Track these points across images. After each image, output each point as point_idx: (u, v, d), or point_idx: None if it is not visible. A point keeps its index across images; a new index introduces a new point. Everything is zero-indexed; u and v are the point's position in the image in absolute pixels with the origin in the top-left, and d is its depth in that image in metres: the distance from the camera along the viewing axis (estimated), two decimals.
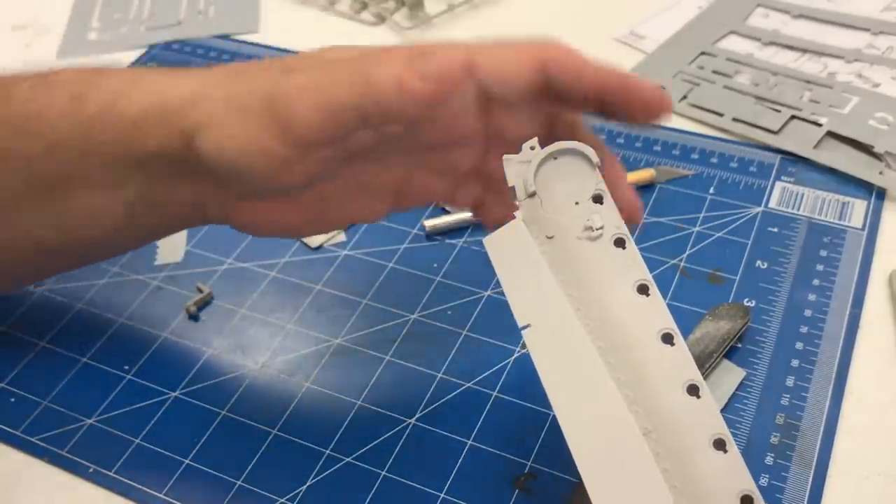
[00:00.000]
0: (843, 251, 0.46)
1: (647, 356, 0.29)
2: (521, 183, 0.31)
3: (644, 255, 0.31)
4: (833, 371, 0.40)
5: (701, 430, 0.28)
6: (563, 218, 0.30)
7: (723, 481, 0.27)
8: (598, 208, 0.30)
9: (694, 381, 0.29)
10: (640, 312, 0.29)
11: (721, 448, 0.28)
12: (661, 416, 0.28)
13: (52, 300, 0.47)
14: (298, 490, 0.38)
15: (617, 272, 0.30)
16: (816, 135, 0.52)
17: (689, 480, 0.28)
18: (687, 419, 0.28)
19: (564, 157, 0.31)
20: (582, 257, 0.30)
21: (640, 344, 0.29)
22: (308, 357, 0.43)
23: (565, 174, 0.31)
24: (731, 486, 0.27)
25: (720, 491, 0.27)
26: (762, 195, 0.50)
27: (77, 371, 0.44)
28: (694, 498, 0.27)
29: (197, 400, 0.42)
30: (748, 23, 0.63)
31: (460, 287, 0.46)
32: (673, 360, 0.29)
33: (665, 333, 0.29)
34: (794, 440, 0.38)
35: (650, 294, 0.30)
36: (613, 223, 0.30)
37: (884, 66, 0.58)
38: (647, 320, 0.29)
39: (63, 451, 0.40)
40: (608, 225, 0.30)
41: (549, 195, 0.31)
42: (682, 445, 0.28)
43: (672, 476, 0.28)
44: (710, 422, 0.28)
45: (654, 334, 0.29)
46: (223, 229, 0.38)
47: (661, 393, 0.29)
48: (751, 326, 0.42)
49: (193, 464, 0.39)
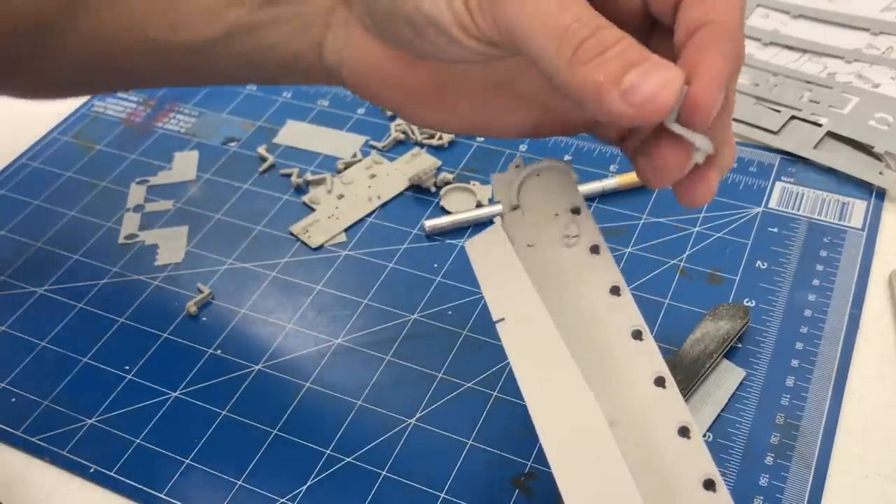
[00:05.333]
0: (842, 251, 0.46)
1: (616, 351, 0.30)
2: (506, 197, 0.32)
3: (644, 256, 0.31)
4: (833, 371, 0.40)
5: (667, 419, 0.29)
6: (544, 228, 0.32)
7: (687, 467, 0.28)
8: (576, 218, 0.32)
9: (661, 372, 0.30)
10: (612, 311, 0.31)
11: (685, 435, 0.29)
12: (629, 407, 0.30)
13: (53, 300, 0.48)
14: (299, 490, 0.38)
15: (591, 276, 0.31)
16: (816, 135, 0.52)
17: (655, 467, 0.29)
18: (654, 409, 0.29)
19: (547, 173, 0.32)
20: (559, 263, 0.31)
21: (611, 340, 0.30)
22: (308, 357, 0.43)
23: (547, 189, 0.32)
24: (695, 472, 0.28)
25: (685, 476, 0.28)
26: (762, 195, 0.50)
27: (78, 371, 0.44)
28: (661, 484, 0.29)
29: (197, 400, 0.42)
30: (748, 23, 0.63)
31: (460, 287, 0.46)
32: (642, 355, 0.30)
33: (635, 330, 0.30)
34: (794, 440, 0.38)
35: (621, 294, 0.31)
36: (590, 232, 0.32)
37: (884, 67, 0.58)
38: (618, 318, 0.31)
39: (64, 451, 0.40)
40: (584, 234, 0.31)
41: (531, 208, 0.32)
42: (648, 434, 0.29)
43: (638, 463, 0.29)
44: (676, 411, 0.29)
45: (624, 331, 0.30)
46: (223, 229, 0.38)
47: (629, 385, 0.30)
48: (751, 326, 0.42)
49: (194, 464, 0.39)
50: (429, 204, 0.51)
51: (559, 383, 0.29)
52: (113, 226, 0.52)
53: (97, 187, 0.55)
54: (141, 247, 0.50)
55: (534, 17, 0.26)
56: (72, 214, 0.53)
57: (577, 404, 0.29)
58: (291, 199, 0.52)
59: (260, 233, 0.50)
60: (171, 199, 0.53)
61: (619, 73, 0.25)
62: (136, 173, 0.55)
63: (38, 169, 0.56)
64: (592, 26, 0.26)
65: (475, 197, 0.51)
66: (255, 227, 0.51)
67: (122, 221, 0.52)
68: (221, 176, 0.54)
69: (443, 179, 0.52)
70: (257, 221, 0.51)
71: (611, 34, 0.26)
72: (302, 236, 0.50)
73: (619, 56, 0.26)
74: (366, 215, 0.51)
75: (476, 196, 0.51)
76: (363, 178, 0.53)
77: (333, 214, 0.51)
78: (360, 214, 0.51)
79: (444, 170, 0.53)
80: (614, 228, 0.48)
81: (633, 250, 0.47)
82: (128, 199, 0.53)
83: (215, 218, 0.51)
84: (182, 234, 0.51)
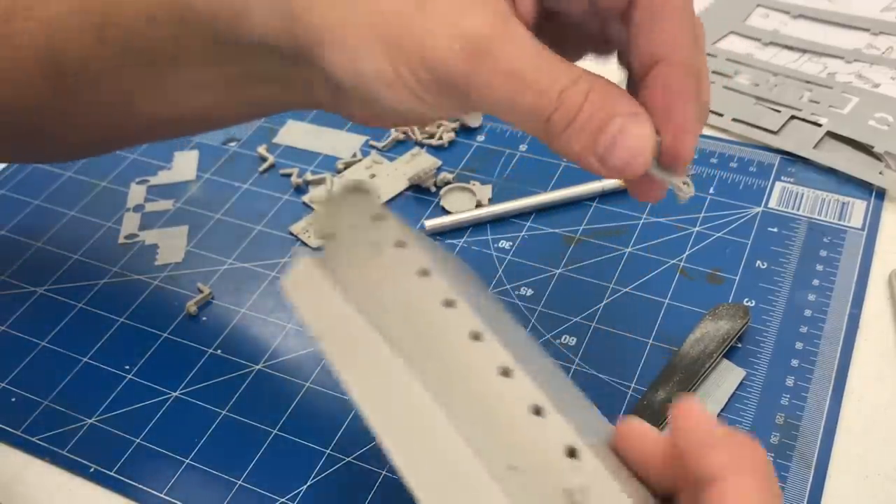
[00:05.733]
0: (842, 251, 0.46)
1: (454, 349, 0.29)
2: (318, 229, 0.33)
3: (644, 256, 0.31)
4: (833, 371, 0.40)
5: (519, 403, 0.27)
6: (356, 246, 0.32)
7: (547, 443, 0.27)
8: (379, 224, 0.32)
9: (506, 364, 0.28)
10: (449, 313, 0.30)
11: (539, 414, 0.27)
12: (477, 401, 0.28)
13: (53, 300, 0.48)
14: (299, 490, 0.38)
15: (402, 268, 0.31)
16: (816, 135, 0.52)
17: (515, 453, 0.27)
18: (504, 397, 0.28)
19: (348, 195, 0.33)
20: (377, 269, 0.31)
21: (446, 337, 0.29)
22: (308, 357, 0.43)
23: (354, 208, 0.33)
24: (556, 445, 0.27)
25: (547, 452, 0.27)
26: (762, 195, 0.50)
27: (78, 371, 0.44)
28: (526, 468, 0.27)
29: (197, 400, 0.42)
30: (748, 23, 0.63)
31: None
32: (484, 351, 0.29)
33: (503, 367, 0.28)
34: (794, 440, 0.38)
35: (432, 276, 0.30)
36: (395, 230, 0.32)
37: (883, 67, 0.58)
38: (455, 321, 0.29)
39: (64, 450, 0.40)
40: (389, 233, 0.32)
41: (341, 231, 0.33)
42: (501, 423, 0.27)
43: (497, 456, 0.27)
44: (526, 394, 0.28)
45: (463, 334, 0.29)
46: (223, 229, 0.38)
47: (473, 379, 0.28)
48: (751, 326, 0.42)
49: (194, 463, 0.39)
50: (429, 204, 0.51)
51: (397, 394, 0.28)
52: (113, 226, 0.52)
53: (97, 187, 0.55)
54: (141, 247, 0.50)
55: (498, 102, 0.27)
56: (72, 214, 0.53)
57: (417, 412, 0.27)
58: (291, 199, 0.52)
59: (260, 233, 0.50)
60: (171, 198, 0.53)
61: (591, 141, 0.27)
62: (136, 173, 0.55)
63: (38, 169, 0.56)
64: (557, 93, 0.26)
65: (475, 197, 0.51)
66: (255, 227, 0.51)
67: (122, 221, 0.52)
68: (221, 176, 0.54)
69: (443, 179, 0.52)
70: (257, 221, 0.51)
71: (576, 95, 0.27)
72: (302, 236, 0.50)
73: (588, 123, 0.27)
74: None
75: (476, 196, 0.51)
76: (363, 178, 0.53)
77: None
78: None
79: (444, 170, 0.53)
80: (614, 228, 0.48)
81: (633, 250, 0.47)
82: (128, 198, 0.53)
83: (215, 218, 0.51)
84: (182, 234, 0.51)
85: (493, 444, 0.27)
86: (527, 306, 0.45)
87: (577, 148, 0.27)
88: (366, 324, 0.29)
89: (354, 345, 0.29)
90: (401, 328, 0.29)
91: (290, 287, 0.31)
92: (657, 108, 0.28)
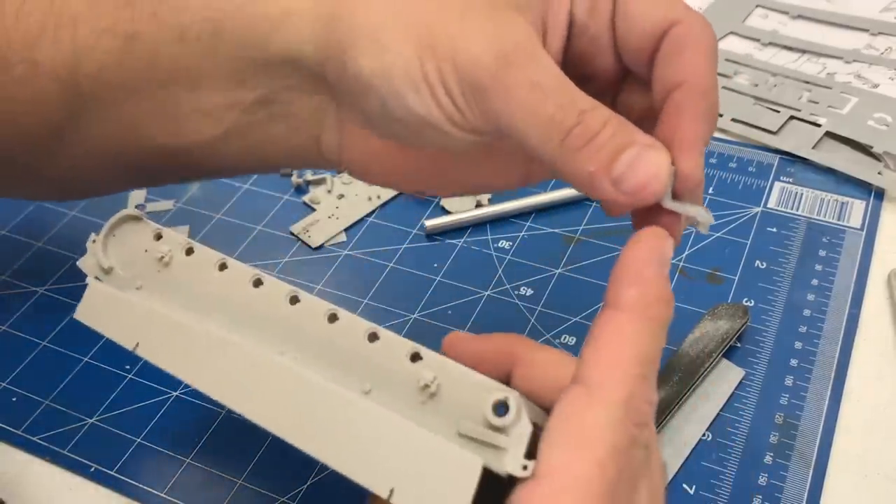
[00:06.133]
0: (841, 251, 0.46)
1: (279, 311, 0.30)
2: (95, 266, 0.33)
3: None
4: (832, 370, 0.41)
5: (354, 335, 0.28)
6: (141, 268, 0.33)
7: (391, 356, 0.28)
8: (164, 240, 0.33)
9: (332, 310, 0.29)
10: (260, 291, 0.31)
11: (376, 338, 0.28)
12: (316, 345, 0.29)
13: (53, 300, 0.48)
14: (299, 489, 0.38)
15: (202, 266, 0.32)
16: (815, 135, 0.53)
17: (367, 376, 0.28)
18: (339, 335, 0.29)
19: (119, 227, 0.34)
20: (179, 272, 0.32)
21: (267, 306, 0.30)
22: None
23: (128, 239, 0.34)
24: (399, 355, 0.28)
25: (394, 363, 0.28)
26: (761, 195, 0.50)
27: (78, 371, 0.44)
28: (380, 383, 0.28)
29: (198, 399, 0.42)
30: (747, 23, 0.63)
31: (460, 287, 0.46)
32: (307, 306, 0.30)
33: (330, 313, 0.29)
34: (793, 439, 0.38)
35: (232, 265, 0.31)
36: (180, 240, 0.33)
37: (882, 67, 0.58)
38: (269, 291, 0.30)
39: (64, 450, 0.40)
40: (176, 244, 0.33)
41: (121, 260, 0.33)
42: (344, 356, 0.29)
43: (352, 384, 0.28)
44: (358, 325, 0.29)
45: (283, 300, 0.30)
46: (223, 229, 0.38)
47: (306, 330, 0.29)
48: (750, 326, 0.42)
49: (195, 463, 0.39)
50: (429, 204, 0.51)
51: (269, 382, 0.29)
52: None
53: None
54: None
55: (519, 109, 0.27)
56: (72, 214, 0.53)
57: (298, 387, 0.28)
58: (291, 199, 0.52)
59: (260, 233, 0.50)
60: (171, 199, 0.53)
61: (608, 162, 0.26)
62: None
63: None
64: (577, 112, 0.27)
65: (475, 196, 0.51)
66: (255, 227, 0.51)
67: None
68: None
69: None
70: (257, 221, 0.51)
71: (596, 118, 0.27)
72: (302, 236, 0.50)
73: (607, 143, 0.27)
74: (366, 215, 0.51)
75: (476, 196, 0.51)
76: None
77: (333, 214, 0.51)
78: (361, 214, 0.51)
79: None
80: (614, 228, 0.48)
81: None
82: (128, 199, 0.53)
83: (216, 218, 0.51)
84: (183, 234, 0.51)
85: (344, 375, 0.28)
86: (527, 306, 0.45)
87: (591, 168, 0.27)
88: (179, 312, 0.31)
89: (173, 336, 0.30)
90: (220, 310, 0.31)
91: (85, 314, 0.33)
92: (667, 128, 0.28)
